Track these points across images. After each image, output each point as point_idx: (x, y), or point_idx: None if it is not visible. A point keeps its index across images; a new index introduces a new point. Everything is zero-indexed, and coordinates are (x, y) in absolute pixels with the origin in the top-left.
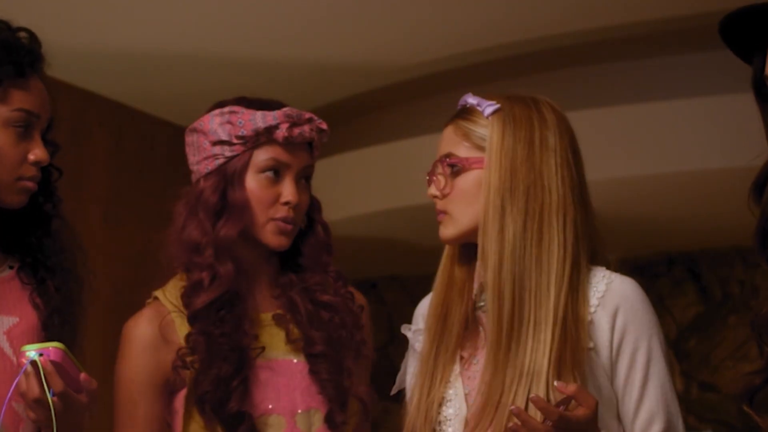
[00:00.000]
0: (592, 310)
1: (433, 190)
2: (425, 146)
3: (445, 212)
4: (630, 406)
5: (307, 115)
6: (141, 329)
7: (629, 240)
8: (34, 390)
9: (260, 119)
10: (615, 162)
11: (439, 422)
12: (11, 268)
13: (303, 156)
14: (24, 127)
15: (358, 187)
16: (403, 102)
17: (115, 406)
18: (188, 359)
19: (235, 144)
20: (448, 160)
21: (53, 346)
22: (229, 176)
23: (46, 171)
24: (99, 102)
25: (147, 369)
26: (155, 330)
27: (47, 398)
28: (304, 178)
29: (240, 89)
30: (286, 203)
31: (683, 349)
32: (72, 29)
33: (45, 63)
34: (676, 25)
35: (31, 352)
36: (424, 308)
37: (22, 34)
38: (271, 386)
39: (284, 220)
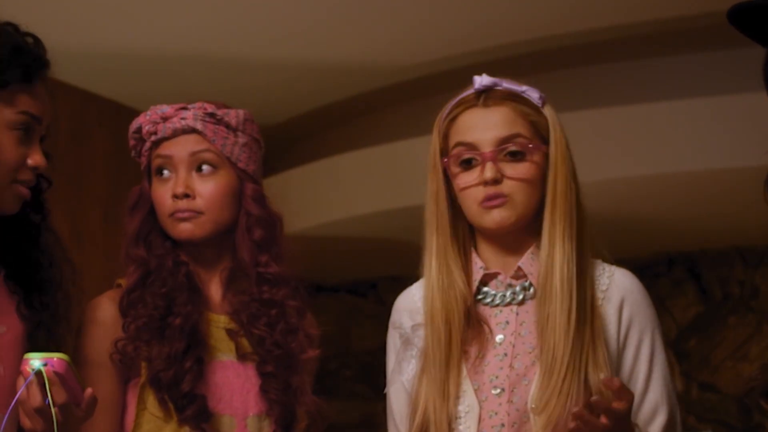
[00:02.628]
0: (599, 303)
1: (493, 173)
2: (425, 146)
3: (506, 196)
4: (634, 398)
5: (177, 106)
6: (102, 309)
7: (629, 240)
8: (36, 399)
9: (132, 126)
10: (615, 162)
11: (450, 420)
12: None
13: (186, 146)
14: (25, 131)
15: (358, 187)
16: (403, 102)
17: None
18: (128, 348)
19: (139, 156)
20: (519, 140)
21: (58, 357)
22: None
23: (36, 181)
24: (99, 102)
25: (107, 349)
26: (115, 311)
27: (49, 408)
28: (206, 164)
29: (240, 89)
30: (174, 196)
31: (683, 349)
32: (72, 29)
33: (49, 69)
34: (676, 25)
35: (36, 361)
36: (404, 302)
37: (29, 39)
38: (226, 386)
39: (179, 211)
